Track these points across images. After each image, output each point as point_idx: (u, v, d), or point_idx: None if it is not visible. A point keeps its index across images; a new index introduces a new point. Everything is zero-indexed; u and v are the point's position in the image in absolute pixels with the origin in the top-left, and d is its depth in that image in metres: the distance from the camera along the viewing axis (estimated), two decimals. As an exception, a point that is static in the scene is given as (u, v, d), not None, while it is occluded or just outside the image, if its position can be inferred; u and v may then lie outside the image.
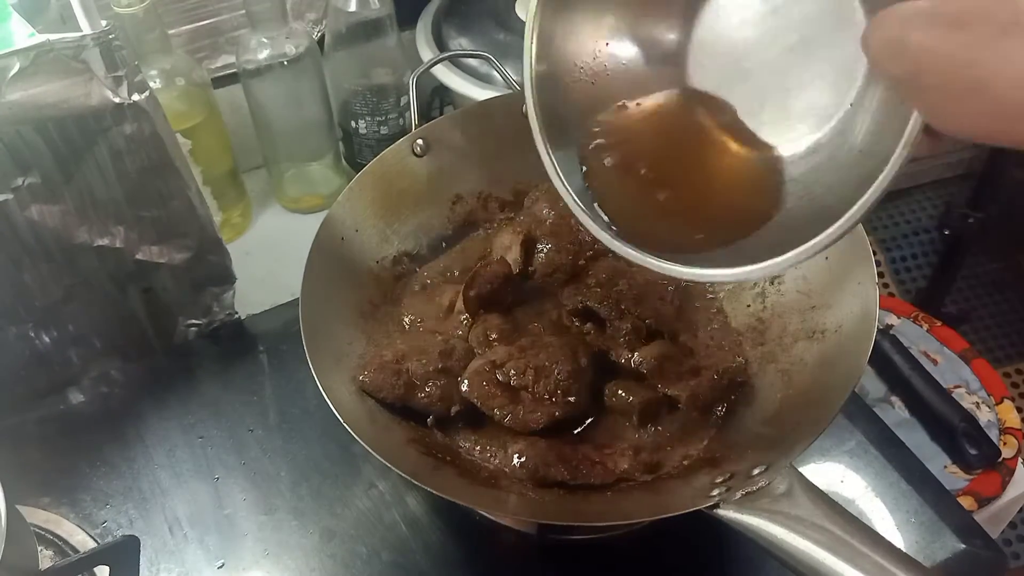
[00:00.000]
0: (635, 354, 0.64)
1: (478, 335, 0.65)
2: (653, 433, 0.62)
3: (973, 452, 0.95)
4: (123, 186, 0.68)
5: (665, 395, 0.62)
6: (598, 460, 0.60)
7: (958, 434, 0.96)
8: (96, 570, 0.63)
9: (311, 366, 0.57)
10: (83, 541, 0.66)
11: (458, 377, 0.62)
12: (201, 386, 0.78)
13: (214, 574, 0.65)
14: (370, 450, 0.53)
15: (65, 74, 0.61)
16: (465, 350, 0.65)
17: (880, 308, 0.58)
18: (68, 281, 0.71)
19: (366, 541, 0.66)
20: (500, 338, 0.65)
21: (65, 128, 0.63)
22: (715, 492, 0.50)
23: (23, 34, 0.63)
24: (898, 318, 1.12)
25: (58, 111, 0.62)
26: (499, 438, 0.62)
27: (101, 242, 0.70)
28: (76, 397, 0.77)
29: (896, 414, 1.01)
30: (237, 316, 0.82)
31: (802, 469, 0.50)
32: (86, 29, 0.63)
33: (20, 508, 0.54)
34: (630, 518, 0.57)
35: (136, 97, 0.64)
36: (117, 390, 0.77)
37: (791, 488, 0.49)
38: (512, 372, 0.61)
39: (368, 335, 0.67)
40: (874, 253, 0.60)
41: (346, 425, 0.55)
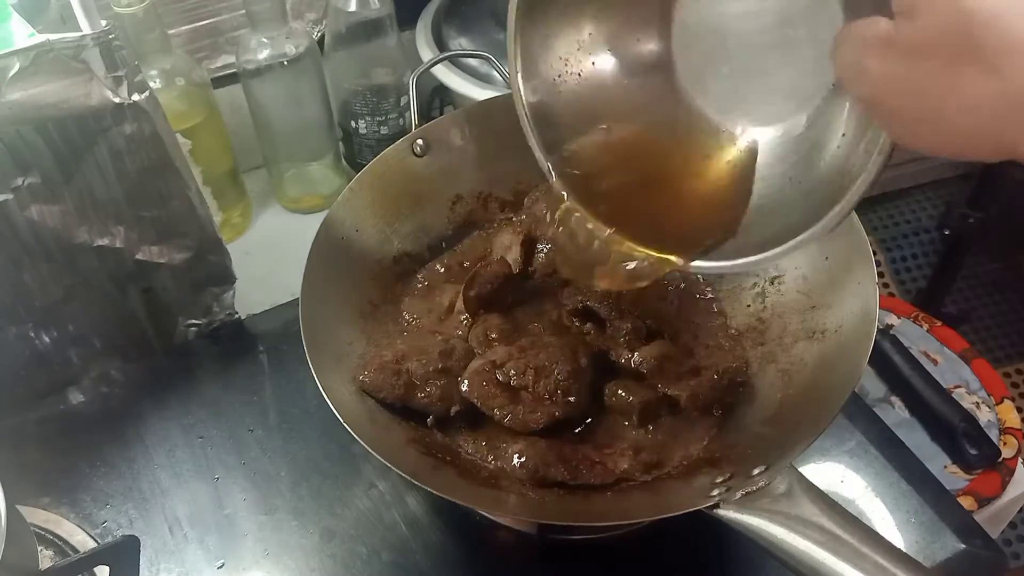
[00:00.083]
0: (635, 354, 0.64)
1: (478, 335, 0.65)
2: (653, 433, 0.62)
3: (973, 452, 0.95)
4: (123, 186, 0.68)
5: (665, 395, 0.62)
6: (598, 460, 0.60)
7: (958, 434, 0.96)
8: (96, 570, 0.63)
9: (311, 366, 0.57)
10: (83, 541, 0.66)
11: (458, 377, 0.62)
12: (201, 386, 0.78)
13: (214, 574, 0.65)
14: (370, 450, 0.53)
15: (65, 74, 0.61)
16: (465, 350, 0.65)
17: (880, 308, 0.58)
18: (68, 281, 0.71)
19: (366, 541, 0.66)
20: (500, 338, 0.65)
21: (65, 128, 0.63)
22: (715, 492, 0.50)
23: (23, 34, 0.63)
24: (898, 318, 1.12)
25: (58, 111, 0.62)
26: (499, 438, 0.62)
27: (101, 242, 0.70)
28: (76, 397, 0.76)
29: (896, 414, 1.00)
30: (237, 316, 0.81)
31: (802, 469, 0.50)
32: (86, 29, 0.63)
33: (20, 508, 0.54)
34: (630, 518, 0.57)
35: (136, 97, 0.64)
36: (117, 390, 0.77)
37: (791, 488, 0.49)
38: (512, 372, 0.61)
39: (368, 335, 0.67)
40: (874, 253, 0.60)
41: (346, 425, 0.55)
